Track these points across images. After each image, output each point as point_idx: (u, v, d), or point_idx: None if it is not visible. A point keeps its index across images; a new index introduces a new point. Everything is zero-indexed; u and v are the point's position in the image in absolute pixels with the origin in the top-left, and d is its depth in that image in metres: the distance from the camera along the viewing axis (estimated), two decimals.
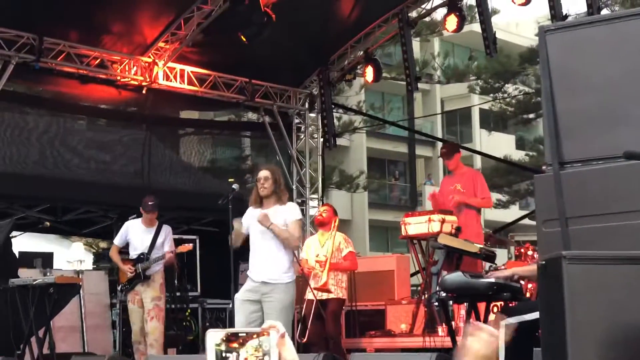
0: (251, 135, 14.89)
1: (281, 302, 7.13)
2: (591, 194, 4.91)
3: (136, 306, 9.44)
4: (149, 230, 9.56)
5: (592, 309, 4.27)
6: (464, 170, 10.26)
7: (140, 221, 9.63)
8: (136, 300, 9.44)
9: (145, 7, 11.65)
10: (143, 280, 9.41)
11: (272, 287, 7.15)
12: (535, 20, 26.96)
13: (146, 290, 9.40)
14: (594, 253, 4.41)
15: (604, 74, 5.07)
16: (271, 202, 7.26)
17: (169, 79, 12.35)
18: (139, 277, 9.42)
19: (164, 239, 9.56)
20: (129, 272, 9.44)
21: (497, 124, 37.06)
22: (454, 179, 10.11)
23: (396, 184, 37.20)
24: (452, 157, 10.14)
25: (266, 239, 7.19)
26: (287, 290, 7.21)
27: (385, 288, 11.16)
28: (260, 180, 7.26)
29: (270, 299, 7.13)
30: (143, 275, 9.39)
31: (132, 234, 9.60)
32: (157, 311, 9.35)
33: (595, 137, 4.99)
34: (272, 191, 7.23)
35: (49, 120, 11.74)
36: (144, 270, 9.40)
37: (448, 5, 12.52)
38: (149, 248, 9.47)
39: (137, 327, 9.42)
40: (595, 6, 11.64)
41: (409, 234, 9.87)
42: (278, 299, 7.12)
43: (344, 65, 13.91)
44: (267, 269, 7.17)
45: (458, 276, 6.19)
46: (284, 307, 7.11)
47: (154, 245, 9.48)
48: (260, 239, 7.21)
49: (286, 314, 7.13)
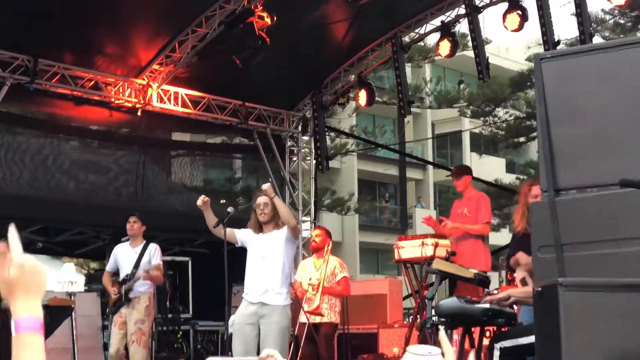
0: (243, 157, 14.92)
1: (279, 324, 7.14)
2: (586, 221, 4.94)
3: (116, 328, 9.06)
4: (135, 250, 9.28)
5: (588, 335, 4.29)
6: (472, 194, 9.99)
7: (128, 242, 9.42)
8: (118, 323, 9.07)
9: (139, 29, 11.70)
10: (126, 302, 9.08)
11: (270, 309, 7.16)
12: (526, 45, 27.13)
13: (131, 313, 9.04)
14: (589, 280, 4.44)
15: (599, 102, 5.11)
16: (270, 227, 7.31)
17: (162, 101, 12.39)
18: (122, 299, 9.10)
19: (150, 257, 9.23)
20: (113, 295, 9.17)
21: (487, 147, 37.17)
22: (462, 202, 9.96)
23: (387, 207, 37.25)
24: (461, 178, 9.89)
25: (265, 261, 7.21)
26: (285, 313, 7.23)
27: (377, 311, 11.19)
28: (260, 206, 7.28)
29: (268, 321, 7.14)
30: (125, 297, 9.06)
31: (120, 256, 9.37)
32: (139, 335, 8.93)
33: (590, 165, 5.03)
34: (271, 217, 7.26)
35: (42, 141, 11.75)
36: (126, 291, 9.08)
37: (441, 31, 12.62)
38: (132, 268, 9.16)
39: (112, 349, 9.03)
40: (587, 32, 11.72)
41: (402, 258, 9.89)
42: (276, 321, 7.13)
43: (337, 88, 13.99)
44: (266, 291, 7.18)
45: (453, 301, 6.20)
46: (280, 330, 7.12)
47: (139, 264, 9.16)
48: (259, 261, 7.23)
49: (283, 336, 7.15)
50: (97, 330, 11.32)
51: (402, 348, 9.78)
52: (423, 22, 12.89)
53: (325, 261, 9.30)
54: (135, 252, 9.24)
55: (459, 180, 9.89)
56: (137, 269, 9.13)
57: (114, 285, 9.28)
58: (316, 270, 9.36)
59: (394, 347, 10.04)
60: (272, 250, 7.23)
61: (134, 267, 9.15)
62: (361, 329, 11.01)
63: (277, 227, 7.30)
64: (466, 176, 9.98)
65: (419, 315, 9.48)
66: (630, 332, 4.29)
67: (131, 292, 9.08)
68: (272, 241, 7.24)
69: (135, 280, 9.05)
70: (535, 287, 4.65)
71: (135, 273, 9.10)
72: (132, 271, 9.14)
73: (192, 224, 12.64)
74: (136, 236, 9.29)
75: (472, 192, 10.03)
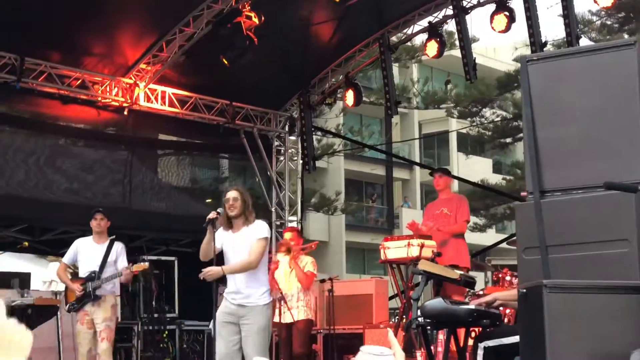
0: (230, 157, 14.90)
1: (257, 324, 7.12)
2: (571, 222, 4.98)
3: (85, 327, 8.94)
4: (100, 246, 9.11)
5: (572, 336, 4.33)
6: (451, 195, 10.26)
7: (91, 238, 9.23)
8: (85, 321, 8.94)
9: (127, 28, 11.67)
10: (93, 299, 8.92)
11: (248, 309, 7.14)
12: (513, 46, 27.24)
13: (97, 311, 8.92)
14: (574, 282, 4.48)
15: (584, 104, 5.15)
16: (240, 223, 7.22)
17: (150, 101, 12.38)
18: (89, 297, 8.92)
19: (117, 256, 9.07)
20: (78, 291, 8.94)
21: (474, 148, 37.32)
22: (439, 203, 10.12)
23: (373, 206, 37.30)
24: (443, 176, 10.14)
25: (239, 259, 7.16)
26: (264, 313, 7.20)
27: (363, 312, 11.20)
28: (229, 200, 7.22)
29: (247, 321, 7.13)
30: (93, 294, 8.90)
31: (81, 251, 9.17)
32: (108, 332, 8.86)
33: (575, 167, 5.06)
34: (241, 212, 7.22)
35: (28, 140, 11.70)
36: (94, 289, 8.91)
37: (429, 31, 12.64)
38: (99, 266, 8.99)
39: (84, 349, 8.91)
40: (573, 34, 11.77)
41: (388, 258, 9.90)
42: (254, 321, 7.12)
43: (324, 88, 14.00)
44: (244, 292, 7.16)
45: (438, 302, 6.22)
46: (260, 330, 7.11)
47: (105, 262, 9.02)
48: (233, 259, 7.18)
49: (263, 336, 7.13)
50: None
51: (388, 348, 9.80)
52: (411, 22, 12.91)
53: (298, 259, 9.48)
54: (101, 249, 9.09)
55: (442, 178, 10.08)
56: (104, 266, 9.00)
57: (74, 281, 9.09)
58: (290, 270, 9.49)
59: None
60: (243, 248, 7.17)
61: (101, 264, 9.01)
62: (347, 329, 11.03)
63: (247, 222, 7.24)
64: (447, 177, 10.26)
65: (405, 316, 9.51)
66: (613, 333, 4.33)
67: (99, 289, 8.95)
68: (242, 240, 7.19)
69: (111, 279, 8.95)
70: (519, 289, 4.68)
71: (104, 271, 8.97)
72: (99, 268, 8.99)
73: (179, 224, 12.72)
74: (102, 232, 9.17)
75: (451, 194, 10.34)
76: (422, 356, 8.63)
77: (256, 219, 7.35)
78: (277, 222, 14.02)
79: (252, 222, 7.28)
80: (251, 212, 7.31)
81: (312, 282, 9.56)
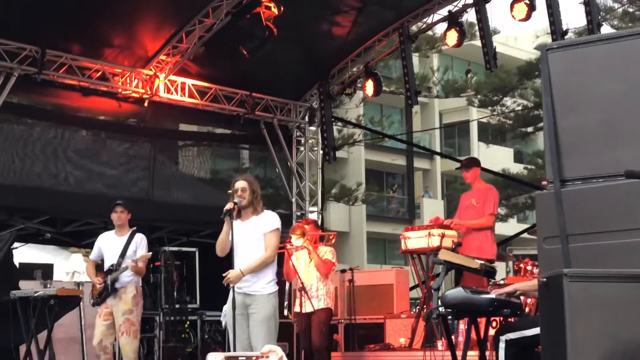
0: (250, 147, 14.92)
1: (263, 313, 7.10)
2: (592, 211, 4.95)
3: (101, 319, 8.92)
4: (121, 239, 9.10)
5: (593, 325, 4.31)
6: (481, 185, 10.11)
7: (113, 232, 9.26)
8: (103, 313, 8.93)
9: (147, 20, 11.70)
10: (111, 292, 8.91)
11: (253, 298, 7.14)
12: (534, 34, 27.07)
13: (117, 304, 8.90)
14: (594, 271, 4.45)
15: (605, 92, 5.11)
16: (248, 213, 7.19)
17: (170, 92, 12.41)
18: (107, 289, 8.93)
19: (136, 247, 9.03)
20: (98, 285, 8.99)
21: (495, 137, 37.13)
22: (471, 194, 10.02)
23: (394, 197, 37.25)
24: (470, 170, 9.95)
25: (246, 250, 7.14)
26: (269, 301, 7.17)
27: (384, 302, 11.21)
28: (237, 191, 7.20)
29: (253, 310, 7.12)
30: (111, 287, 8.90)
31: (104, 245, 9.20)
32: (128, 325, 8.81)
33: (596, 155, 5.03)
34: (249, 202, 7.19)
35: (50, 132, 11.77)
36: (112, 282, 8.91)
37: (448, 20, 12.59)
38: (118, 258, 9.00)
39: (95, 339, 8.90)
40: (595, 22, 11.70)
41: (408, 248, 9.90)
42: (259, 310, 7.11)
43: (344, 79, 13.99)
44: (249, 281, 7.15)
45: (459, 292, 6.21)
46: (265, 319, 7.09)
47: (125, 254, 8.99)
48: (242, 249, 7.15)
49: (268, 325, 7.10)
50: None
51: (408, 338, 9.82)
52: (430, 12, 12.85)
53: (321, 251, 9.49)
54: (122, 242, 9.10)
55: (469, 171, 9.94)
56: (122, 258, 8.99)
57: (98, 275, 9.11)
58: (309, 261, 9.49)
59: (401, 337, 10.06)
60: (252, 238, 7.15)
61: (120, 256, 9.01)
62: (368, 319, 11.04)
63: (256, 212, 7.21)
64: (475, 168, 10.05)
65: (426, 306, 9.50)
66: (634, 322, 4.30)
67: (117, 282, 8.94)
68: (252, 230, 7.16)
69: (122, 271, 8.92)
70: (540, 278, 4.66)
71: (122, 263, 8.96)
72: (117, 261, 9.00)
73: (199, 215, 12.75)
74: (123, 225, 9.17)
75: (481, 184, 10.11)
76: (443, 346, 8.62)
77: (265, 209, 7.32)
78: (298, 213, 14.03)
79: (261, 212, 7.25)
80: (259, 202, 7.26)
81: (330, 270, 9.55)
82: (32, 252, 14.51)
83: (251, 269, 7.08)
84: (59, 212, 12.16)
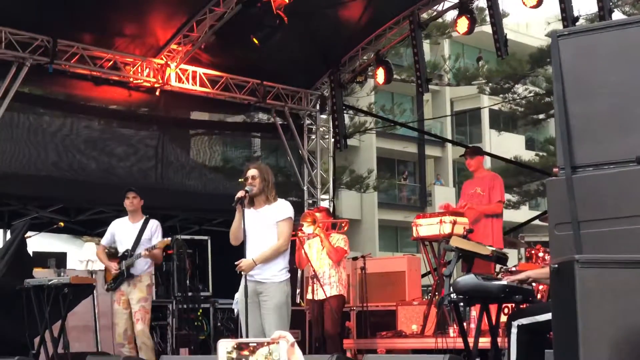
0: (262, 135, 14.95)
1: (274, 300, 7.11)
2: (603, 198, 4.95)
3: (121, 307, 8.99)
4: (135, 225, 9.16)
5: (604, 311, 4.32)
6: (485, 174, 10.25)
7: (126, 218, 9.30)
8: (122, 301, 9.00)
9: (157, 9, 11.72)
10: (127, 278, 8.96)
11: (265, 286, 7.14)
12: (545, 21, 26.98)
13: (133, 291, 8.96)
14: (606, 257, 4.46)
15: (616, 79, 5.10)
16: (261, 201, 7.18)
17: (181, 81, 12.44)
18: (123, 275, 8.98)
19: (151, 234, 9.08)
20: (113, 269, 9.05)
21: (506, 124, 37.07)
22: (474, 182, 10.12)
23: (406, 184, 37.23)
24: (474, 157, 10.12)
25: (258, 238, 7.14)
26: (280, 289, 7.17)
27: (396, 289, 11.23)
28: (248, 178, 7.21)
29: (265, 298, 7.13)
30: (127, 273, 8.95)
31: (118, 231, 9.25)
32: (143, 313, 8.89)
33: (607, 141, 5.03)
34: (261, 190, 7.18)
35: (62, 121, 11.82)
36: (127, 267, 8.97)
37: (459, 8, 12.57)
38: (133, 244, 9.05)
39: (120, 329, 8.98)
40: (606, 8, 11.65)
41: (420, 236, 9.92)
42: (271, 297, 7.12)
43: (355, 67, 13.99)
44: (261, 269, 7.15)
45: (470, 278, 6.23)
46: (277, 306, 7.10)
47: (139, 241, 9.04)
48: (254, 238, 7.16)
49: (280, 312, 7.11)
50: None
51: (420, 325, 9.84)
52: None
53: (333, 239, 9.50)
54: (136, 228, 9.15)
55: (473, 159, 10.07)
56: (137, 245, 9.04)
57: (112, 259, 9.16)
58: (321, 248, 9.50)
59: (413, 325, 10.09)
60: (264, 226, 7.15)
61: (134, 242, 9.07)
62: (380, 307, 11.07)
63: (269, 201, 7.21)
64: (479, 156, 10.25)
65: (438, 293, 9.52)
66: None
67: (132, 268, 8.99)
68: (264, 218, 7.16)
69: (137, 257, 8.98)
70: (551, 264, 4.67)
71: (136, 249, 9.01)
72: (132, 247, 9.05)
73: (211, 203, 12.80)
74: (136, 211, 9.22)
75: (484, 172, 10.34)
76: (455, 332, 8.64)
77: (278, 198, 7.32)
78: (309, 201, 14.07)
79: (274, 200, 7.23)
80: (272, 190, 7.24)
81: (341, 257, 9.56)
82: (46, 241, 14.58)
83: (264, 258, 7.10)
84: (72, 201, 12.24)
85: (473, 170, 10.19)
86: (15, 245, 9.32)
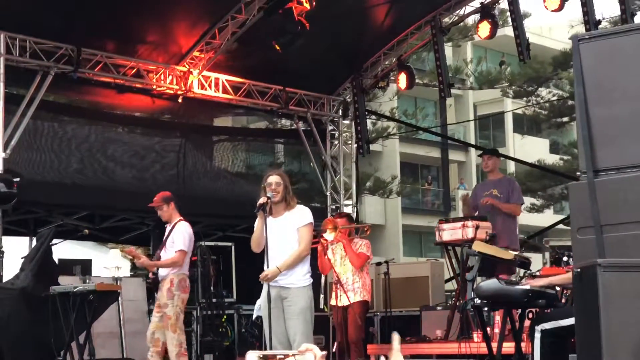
0: (285, 141, 14.99)
1: (299, 305, 7.11)
2: (625, 201, 4.94)
3: (155, 311, 8.97)
4: (168, 229, 9.11)
5: (627, 315, 4.31)
6: (500, 176, 10.31)
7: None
8: (156, 305, 8.97)
9: (180, 17, 11.80)
10: (155, 284, 8.99)
11: (290, 291, 7.14)
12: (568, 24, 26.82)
13: (160, 297, 8.92)
14: (628, 261, 4.45)
15: (637, 82, 5.10)
16: (281, 208, 7.17)
17: (203, 88, 12.51)
18: (156, 281, 8.99)
19: (173, 240, 8.95)
20: (151, 276, 9.12)
21: (530, 128, 36.92)
22: (489, 184, 10.15)
23: (429, 189, 37.16)
24: (492, 158, 10.24)
25: (280, 245, 7.15)
26: (304, 294, 7.17)
27: (419, 294, 11.23)
28: (271, 185, 7.14)
29: (289, 303, 7.13)
30: (154, 278, 9.00)
31: None
32: (166, 320, 8.77)
33: (629, 145, 5.02)
34: (283, 197, 7.20)
35: (86, 129, 11.92)
36: (155, 274, 9.01)
37: (481, 12, 12.56)
38: (160, 249, 9.05)
39: (149, 332, 8.90)
40: (629, 11, 11.61)
41: (443, 240, 9.91)
42: (295, 302, 7.12)
43: (377, 72, 14.00)
44: (285, 274, 7.16)
45: (493, 283, 6.21)
46: (302, 311, 7.09)
47: (165, 245, 9.00)
48: (276, 245, 7.17)
49: (305, 316, 7.09)
50: (143, 314, 11.45)
51: (444, 330, 9.83)
52: (462, 3, 12.82)
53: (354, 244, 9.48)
54: (166, 233, 9.12)
55: (491, 159, 10.16)
56: (162, 249, 9.00)
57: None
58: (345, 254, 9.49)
59: (437, 329, 10.07)
60: (286, 233, 7.16)
61: (160, 247, 9.05)
62: (404, 312, 11.07)
63: (289, 207, 7.22)
64: (497, 159, 10.35)
65: (461, 298, 9.50)
66: None
67: (158, 273, 8.97)
68: (285, 225, 7.15)
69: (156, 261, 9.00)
70: (574, 268, 4.67)
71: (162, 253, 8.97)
72: (159, 251, 9.05)
73: (235, 210, 12.83)
74: (167, 219, 9.13)
75: (500, 175, 10.41)
76: (479, 337, 8.62)
77: (298, 204, 7.33)
78: (333, 207, 14.08)
79: (294, 207, 7.25)
80: (293, 197, 7.24)
81: (363, 262, 9.54)
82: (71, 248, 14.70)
83: (287, 265, 7.11)
84: (97, 208, 12.31)
85: (489, 170, 10.25)
86: (41, 253, 9.40)
